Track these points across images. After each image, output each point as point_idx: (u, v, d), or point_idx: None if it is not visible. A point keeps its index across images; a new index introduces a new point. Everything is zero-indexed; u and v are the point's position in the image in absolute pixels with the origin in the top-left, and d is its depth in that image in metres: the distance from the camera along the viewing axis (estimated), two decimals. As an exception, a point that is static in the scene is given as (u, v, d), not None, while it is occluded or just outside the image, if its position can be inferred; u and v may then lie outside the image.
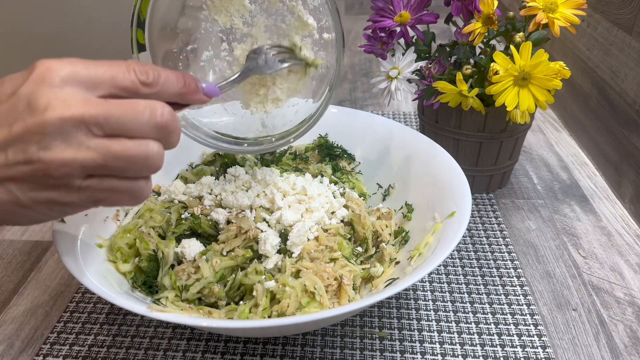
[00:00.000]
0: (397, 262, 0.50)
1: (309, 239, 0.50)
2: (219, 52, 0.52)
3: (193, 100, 0.37)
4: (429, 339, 0.48)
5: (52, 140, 0.29)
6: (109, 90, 0.32)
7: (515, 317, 0.51)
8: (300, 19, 0.49)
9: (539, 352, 0.47)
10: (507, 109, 0.54)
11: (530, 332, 0.49)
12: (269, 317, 0.44)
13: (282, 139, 0.54)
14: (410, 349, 0.48)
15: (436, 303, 0.52)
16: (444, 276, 0.56)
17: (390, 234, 0.54)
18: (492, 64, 0.54)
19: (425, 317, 0.51)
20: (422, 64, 0.60)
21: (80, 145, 0.30)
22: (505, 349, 0.47)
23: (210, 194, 0.55)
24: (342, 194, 0.57)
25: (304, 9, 0.48)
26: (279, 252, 0.50)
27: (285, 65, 0.49)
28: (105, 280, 0.44)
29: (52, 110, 0.29)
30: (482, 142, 0.64)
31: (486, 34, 0.57)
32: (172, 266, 0.49)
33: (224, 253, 0.49)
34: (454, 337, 0.49)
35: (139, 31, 0.48)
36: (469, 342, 0.48)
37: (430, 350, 0.47)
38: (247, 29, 0.51)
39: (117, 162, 0.31)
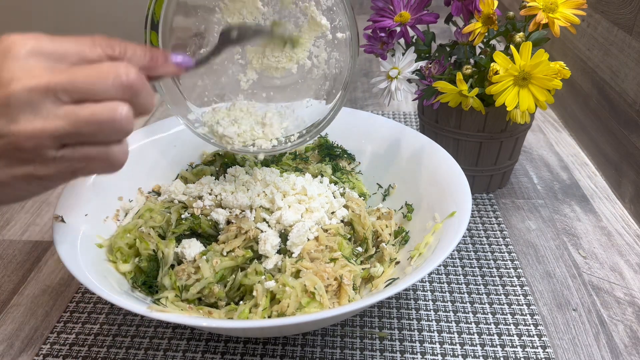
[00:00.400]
0: (397, 262, 0.50)
1: (308, 239, 0.50)
2: (231, 55, 0.52)
3: (162, 71, 0.36)
4: (429, 339, 0.48)
5: (20, 112, 0.29)
6: (75, 63, 0.31)
7: (515, 317, 0.51)
8: (313, 20, 0.49)
9: (539, 352, 0.47)
10: (507, 109, 0.54)
11: (531, 332, 0.49)
12: (269, 317, 0.44)
13: (299, 139, 0.55)
14: (410, 349, 0.48)
15: (436, 303, 0.52)
16: (444, 276, 0.56)
17: (390, 234, 0.54)
18: (492, 64, 0.54)
19: (425, 317, 0.51)
20: (422, 64, 0.60)
21: (49, 115, 0.29)
22: (505, 349, 0.47)
23: (210, 194, 0.55)
24: (342, 194, 0.57)
25: (317, 10, 0.48)
26: (279, 252, 0.50)
27: (259, 39, 0.49)
28: (105, 280, 0.44)
29: (17, 82, 0.29)
30: (482, 142, 0.64)
31: (486, 34, 0.57)
32: (172, 266, 0.49)
33: (224, 253, 0.49)
34: (454, 337, 0.49)
35: (153, 33, 0.48)
36: (469, 342, 0.48)
37: (430, 350, 0.47)
38: None
39: (87, 127, 0.30)
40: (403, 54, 0.59)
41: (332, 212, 0.54)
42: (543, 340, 0.48)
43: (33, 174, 0.31)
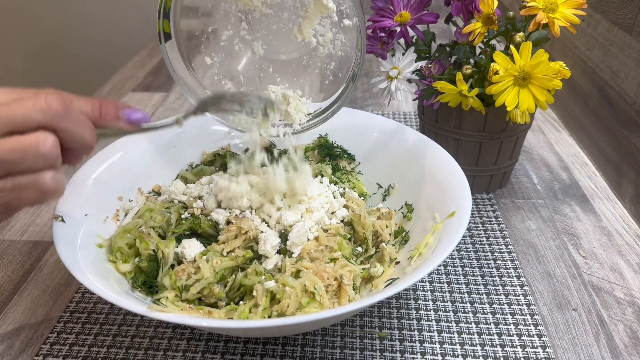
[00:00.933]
0: (397, 262, 0.50)
1: (308, 239, 0.50)
2: (238, 31, 0.54)
3: (112, 126, 0.38)
4: (429, 339, 0.48)
5: None
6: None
7: (515, 317, 0.51)
8: (319, 2, 0.49)
9: (539, 352, 0.47)
10: (507, 109, 0.54)
11: (530, 332, 0.49)
12: (269, 317, 0.44)
13: (307, 122, 0.56)
14: (410, 349, 0.48)
15: (436, 303, 0.52)
16: (444, 276, 0.56)
17: (390, 234, 0.54)
18: (492, 64, 0.54)
19: (425, 317, 0.51)
20: (422, 64, 0.60)
21: None
22: (505, 349, 0.47)
23: (210, 194, 0.55)
24: (342, 194, 0.57)
25: None
26: (278, 252, 0.50)
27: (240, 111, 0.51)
28: (105, 280, 0.44)
29: None
30: (482, 142, 0.64)
31: (486, 34, 0.57)
32: (172, 266, 0.49)
33: (224, 253, 0.49)
34: (454, 337, 0.49)
35: (165, 21, 0.50)
36: (469, 342, 0.48)
37: (430, 350, 0.47)
38: (266, 10, 0.51)
39: (11, 155, 0.32)
40: (403, 54, 0.59)
41: (332, 212, 0.54)
42: (543, 340, 0.48)
43: None
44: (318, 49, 0.54)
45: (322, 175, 0.60)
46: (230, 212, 0.52)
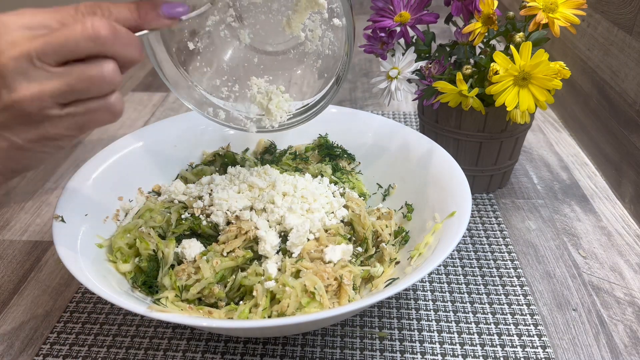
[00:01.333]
0: (397, 262, 0.50)
1: (309, 239, 0.50)
2: (225, 18, 0.53)
3: (155, 25, 0.37)
4: (429, 339, 0.48)
5: (14, 80, 0.32)
6: (56, 29, 0.34)
7: (515, 317, 0.51)
8: None
9: (539, 352, 0.47)
10: (507, 109, 0.54)
11: (530, 332, 0.49)
12: (269, 317, 0.44)
13: (288, 120, 0.55)
14: (410, 349, 0.48)
15: (436, 303, 0.52)
16: (444, 276, 0.56)
17: (390, 234, 0.54)
18: (492, 64, 0.54)
19: (425, 317, 0.51)
20: (422, 64, 0.60)
21: (43, 78, 0.32)
22: (505, 349, 0.47)
23: (210, 194, 0.55)
24: (342, 194, 0.57)
25: None
26: (278, 252, 0.50)
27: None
28: (105, 280, 0.44)
29: (3, 54, 0.32)
30: (482, 142, 0.64)
31: (486, 34, 0.57)
32: (172, 266, 0.49)
33: (224, 254, 0.49)
34: (454, 337, 0.49)
35: None
36: (469, 342, 0.48)
37: (430, 350, 0.47)
38: None
39: (80, 84, 0.33)
40: (403, 54, 0.59)
41: (332, 212, 0.54)
42: (543, 340, 0.48)
43: (46, 135, 0.34)
44: (306, 44, 0.52)
45: (322, 175, 0.60)
46: (230, 213, 0.52)
